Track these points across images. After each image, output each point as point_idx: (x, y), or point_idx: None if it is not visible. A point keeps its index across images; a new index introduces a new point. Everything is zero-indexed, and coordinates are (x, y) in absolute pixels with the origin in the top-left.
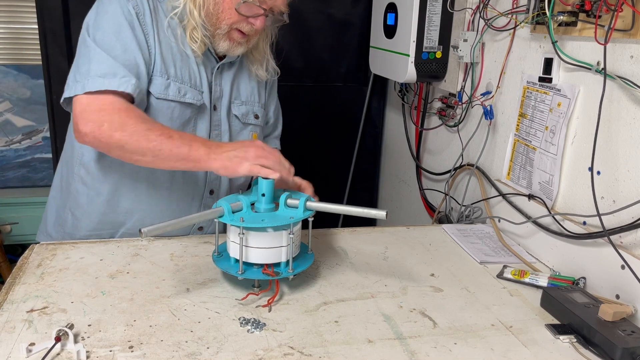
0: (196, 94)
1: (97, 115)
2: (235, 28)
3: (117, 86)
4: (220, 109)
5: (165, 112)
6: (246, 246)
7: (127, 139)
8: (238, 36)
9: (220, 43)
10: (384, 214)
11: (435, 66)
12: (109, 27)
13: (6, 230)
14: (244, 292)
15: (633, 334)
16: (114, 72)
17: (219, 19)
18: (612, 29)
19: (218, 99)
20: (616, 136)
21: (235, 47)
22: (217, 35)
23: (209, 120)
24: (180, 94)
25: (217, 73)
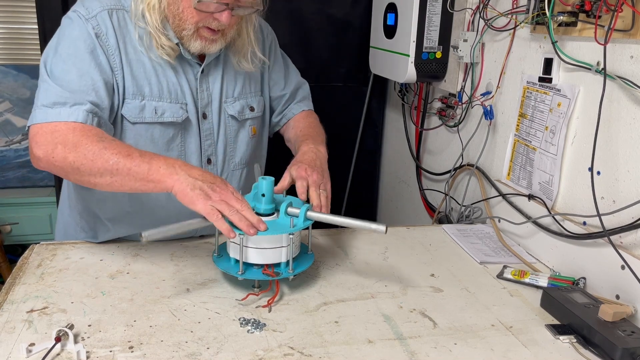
0: (176, 109)
1: (50, 137)
2: (202, 26)
3: (67, 116)
4: (211, 116)
5: (144, 135)
6: (246, 247)
7: (82, 160)
8: (208, 33)
9: (192, 43)
10: (384, 229)
11: (435, 66)
12: (65, 53)
13: (6, 230)
14: (244, 293)
15: (633, 334)
16: (64, 102)
17: (182, 19)
18: (612, 29)
19: (207, 105)
20: (616, 136)
21: (210, 45)
22: (185, 37)
23: (198, 133)
24: (158, 114)
25: (202, 77)
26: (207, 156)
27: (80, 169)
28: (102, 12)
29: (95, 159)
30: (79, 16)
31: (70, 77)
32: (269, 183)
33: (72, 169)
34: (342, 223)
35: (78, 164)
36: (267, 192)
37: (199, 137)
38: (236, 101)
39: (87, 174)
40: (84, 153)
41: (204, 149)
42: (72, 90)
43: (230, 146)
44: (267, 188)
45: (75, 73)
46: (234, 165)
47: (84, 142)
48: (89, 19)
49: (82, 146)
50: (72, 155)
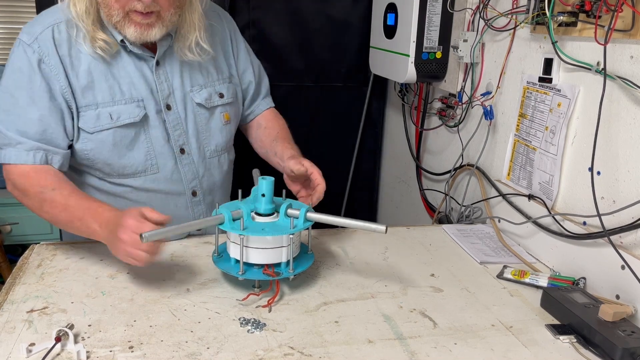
0: (132, 109)
1: (8, 179)
2: (129, 10)
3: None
4: (176, 106)
5: (105, 141)
6: (247, 247)
7: (30, 206)
8: (138, 17)
9: (127, 31)
10: (384, 229)
11: (435, 66)
12: (12, 86)
13: (6, 230)
14: (244, 293)
15: (633, 334)
16: (7, 143)
17: (108, 6)
18: (612, 29)
19: (168, 96)
20: (616, 136)
21: (146, 31)
22: (118, 24)
23: (162, 126)
24: (113, 119)
25: (158, 69)
26: (179, 146)
27: (33, 210)
28: (43, 32)
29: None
30: (20, 44)
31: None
32: (269, 183)
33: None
34: (342, 224)
35: (29, 207)
36: (267, 192)
37: (164, 129)
38: (202, 89)
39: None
40: (29, 203)
41: (173, 139)
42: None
43: (203, 134)
44: (267, 188)
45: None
46: (210, 152)
47: (27, 192)
48: (31, 44)
49: (26, 196)
50: (25, 200)
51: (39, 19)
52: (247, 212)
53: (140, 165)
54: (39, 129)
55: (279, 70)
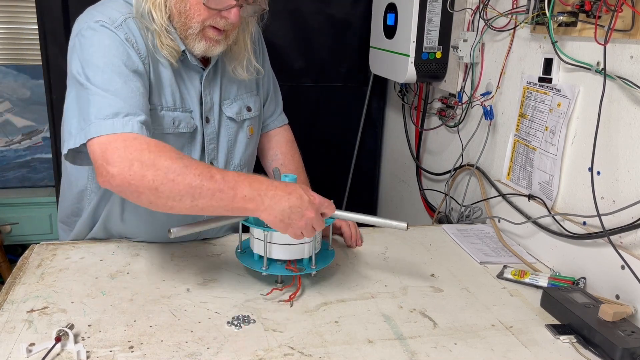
0: (188, 119)
1: (123, 152)
2: (208, 25)
3: (122, 127)
4: (213, 120)
5: None
6: (270, 243)
7: (161, 179)
8: (213, 33)
9: (196, 44)
10: (405, 226)
11: (435, 66)
12: (102, 62)
13: (6, 230)
14: (245, 293)
15: (633, 334)
16: (116, 112)
17: (188, 17)
18: (612, 29)
19: (209, 110)
20: (616, 136)
21: (213, 46)
22: (190, 37)
23: (201, 139)
24: (175, 124)
25: (206, 81)
26: (209, 160)
27: (159, 189)
28: (127, 19)
29: (177, 178)
30: (103, 26)
31: (115, 86)
32: (292, 180)
33: (150, 188)
34: (363, 220)
35: (157, 183)
36: None
37: (202, 143)
38: (233, 102)
39: (165, 196)
40: (164, 172)
41: (207, 153)
42: (123, 98)
43: (230, 148)
44: None
45: (119, 81)
46: (234, 167)
47: (162, 160)
48: (118, 27)
49: (161, 164)
50: (151, 173)
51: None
52: None
53: None
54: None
55: (279, 70)
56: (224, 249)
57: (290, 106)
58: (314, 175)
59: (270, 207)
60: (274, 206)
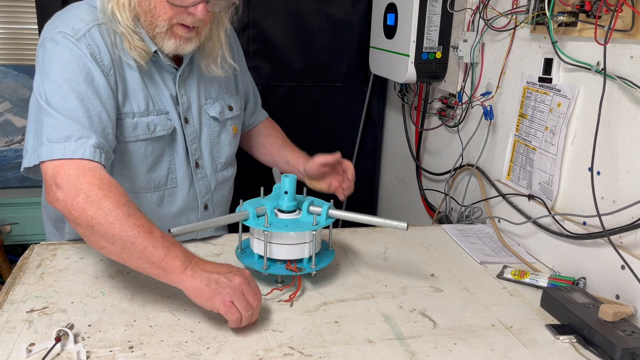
0: (164, 121)
1: (74, 181)
2: (175, 23)
3: (73, 152)
4: (192, 120)
5: (137, 152)
6: (270, 243)
7: (99, 219)
8: (182, 31)
9: (165, 43)
10: (405, 226)
11: (435, 66)
12: (60, 79)
13: (6, 231)
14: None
15: (633, 334)
16: (68, 135)
17: (154, 15)
18: (612, 29)
19: (187, 110)
20: (616, 136)
21: (184, 44)
22: (158, 36)
23: (183, 139)
24: (150, 130)
25: (180, 81)
26: (194, 160)
27: (95, 227)
28: (90, 30)
29: (115, 223)
30: (65, 37)
31: (70, 105)
32: (291, 180)
33: (87, 224)
34: (363, 220)
35: (95, 221)
36: (290, 190)
37: (184, 143)
38: (215, 102)
39: (99, 235)
40: (105, 213)
41: (191, 153)
42: (77, 120)
43: (215, 147)
44: (290, 185)
45: (75, 100)
46: (221, 166)
47: (108, 201)
48: (80, 39)
49: (105, 205)
50: (92, 210)
51: (73, 16)
52: (270, 209)
53: (162, 179)
54: (100, 126)
55: (279, 70)
56: (224, 249)
57: (290, 106)
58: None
59: (196, 272)
60: (201, 272)
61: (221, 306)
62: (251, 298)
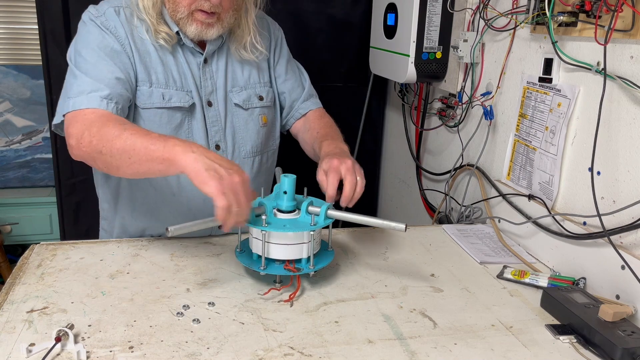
0: (183, 95)
1: (79, 125)
2: (195, 9)
3: (85, 103)
4: (217, 104)
5: (153, 120)
6: (268, 242)
7: (104, 142)
8: (202, 16)
9: (188, 28)
10: (403, 227)
11: (435, 66)
12: (81, 47)
13: (6, 230)
14: (245, 293)
15: (633, 334)
16: (81, 90)
17: (175, 2)
18: (612, 29)
19: (211, 93)
20: (616, 136)
21: (207, 29)
22: (181, 21)
23: (203, 119)
24: (165, 99)
25: (205, 66)
26: (215, 142)
27: (102, 151)
28: (108, 10)
29: (115, 139)
30: (90, 17)
31: (86, 67)
32: (291, 180)
33: (97, 152)
34: (362, 221)
35: (100, 146)
36: (289, 190)
37: (204, 124)
38: (242, 90)
39: (108, 155)
40: (106, 136)
41: (210, 135)
42: (91, 77)
43: (240, 134)
44: (289, 185)
45: (90, 63)
46: (245, 153)
47: (106, 126)
48: (98, 17)
49: (104, 130)
50: (96, 139)
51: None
52: (269, 209)
53: None
54: (112, 82)
55: None
56: (223, 249)
57: None
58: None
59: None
60: (204, 158)
61: (214, 190)
62: (242, 197)
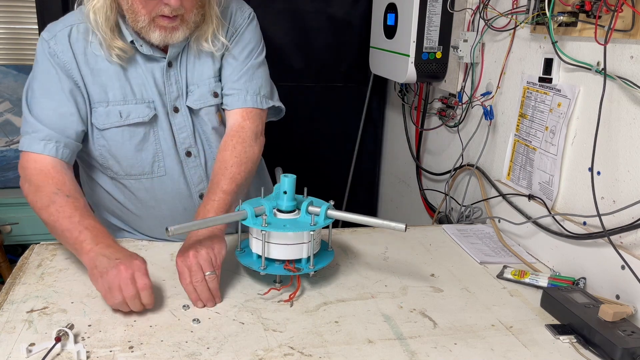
0: (142, 109)
1: (23, 172)
2: (156, 15)
3: (28, 146)
4: (182, 108)
5: (115, 139)
6: (268, 242)
7: (35, 205)
8: (164, 22)
9: (152, 36)
10: (403, 227)
11: (435, 66)
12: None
13: (6, 231)
14: (244, 293)
15: (633, 334)
16: (24, 130)
17: (134, 12)
18: (612, 29)
19: (177, 98)
20: (616, 136)
21: (171, 34)
22: (142, 30)
23: (169, 127)
24: (123, 117)
25: (170, 70)
26: (184, 149)
27: (35, 210)
28: (61, 31)
29: (43, 208)
30: (41, 41)
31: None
32: (291, 181)
33: (32, 207)
34: (362, 221)
35: (33, 206)
36: (289, 190)
37: (171, 132)
38: (197, 88)
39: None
40: (38, 199)
41: (179, 142)
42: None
43: (204, 136)
44: (289, 185)
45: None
46: (214, 156)
47: (41, 189)
48: (48, 41)
49: (39, 192)
50: (31, 197)
51: (63, 19)
52: (269, 209)
53: (148, 167)
54: (52, 118)
55: (278, 70)
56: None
57: (291, 106)
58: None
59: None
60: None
61: (99, 288)
62: (125, 287)
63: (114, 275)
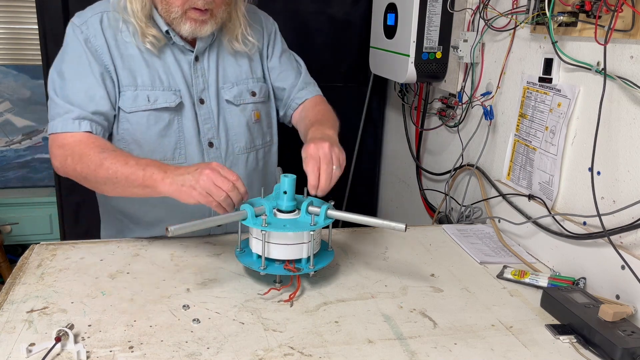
0: (169, 95)
1: (61, 150)
2: (188, 7)
3: (58, 127)
4: (209, 101)
5: (140, 122)
6: (268, 242)
7: (86, 170)
8: (196, 14)
9: (182, 27)
10: (403, 227)
11: (435, 66)
12: (65, 65)
13: (6, 231)
14: (244, 293)
15: (633, 334)
16: (55, 113)
17: (168, 3)
18: (612, 29)
19: (202, 90)
20: (616, 136)
21: (200, 27)
22: (174, 21)
23: (194, 117)
24: (150, 101)
25: (196, 64)
26: (207, 140)
27: (88, 177)
28: (92, 17)
29: (97, 168)
30: (72, 26)
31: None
32: (290, 180)
33: (82, 178)
34: (362, 221)
35: (85, 173)
36: (289, 190)
37: (196, 122)
38: (234, 86)
39: (93, 182)
40: (87, 164)
41: (202, 132)
42: (63, 98)
43: (232, 130)
44: (289, 185)
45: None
46: (239, 149)
47: (87, 154)
48: (80, 26)
49: (85, 157)
50: (79, 166)
51: (91, 7)
52: (269, 209)
53: (169, 153)
54: (85, 99)
55: None
56: (223, 248)
57: None
58: None
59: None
60: (175, 177)
61: (197, 200)
62: (221, 184)
63: (205, 180)
